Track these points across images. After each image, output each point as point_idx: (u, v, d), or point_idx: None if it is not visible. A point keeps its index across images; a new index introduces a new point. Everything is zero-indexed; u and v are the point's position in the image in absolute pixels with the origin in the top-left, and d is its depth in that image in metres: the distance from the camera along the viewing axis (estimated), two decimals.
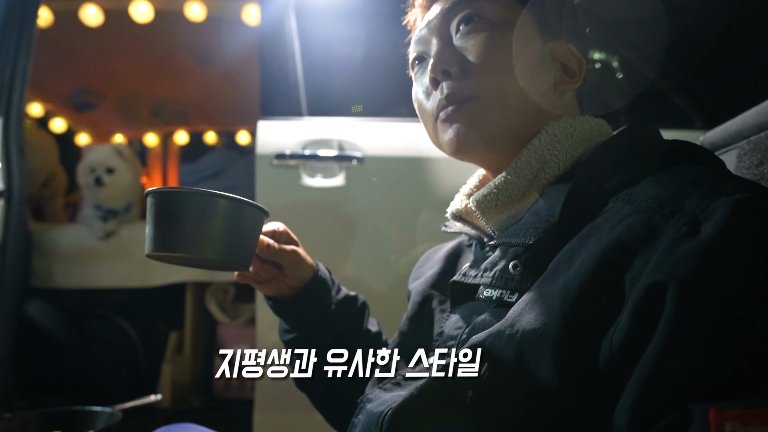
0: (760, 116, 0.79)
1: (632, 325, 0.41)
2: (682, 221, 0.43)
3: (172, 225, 0.61)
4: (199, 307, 2.27)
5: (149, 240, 0.62)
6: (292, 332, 0.80)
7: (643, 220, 0.45)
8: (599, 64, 1.83)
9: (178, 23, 2.34)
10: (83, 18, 2.30)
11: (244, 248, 0.65)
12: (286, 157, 1.59)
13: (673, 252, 0.41)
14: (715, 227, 0.41)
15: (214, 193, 0.61)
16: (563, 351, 0.45)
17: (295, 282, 0.78)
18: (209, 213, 0.61)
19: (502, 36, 0.62)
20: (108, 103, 3.16)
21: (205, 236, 0.60)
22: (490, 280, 0.57)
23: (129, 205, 2.24)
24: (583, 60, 0.66)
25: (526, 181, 0.60)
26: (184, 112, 3.43)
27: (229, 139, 3.76)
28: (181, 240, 0.60)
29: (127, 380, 2.16)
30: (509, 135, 0.62)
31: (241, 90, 2.64)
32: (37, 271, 2.04)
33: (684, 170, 0.50)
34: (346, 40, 1.88)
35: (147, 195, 0.63)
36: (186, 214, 0.61)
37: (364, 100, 1.73)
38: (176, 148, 3.76)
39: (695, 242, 0.41)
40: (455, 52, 0.64)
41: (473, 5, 0.64)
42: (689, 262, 0.40)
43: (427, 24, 0.67)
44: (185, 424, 0.80)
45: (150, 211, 0.62)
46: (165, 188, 0.62)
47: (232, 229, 0.62)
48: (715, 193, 0.43)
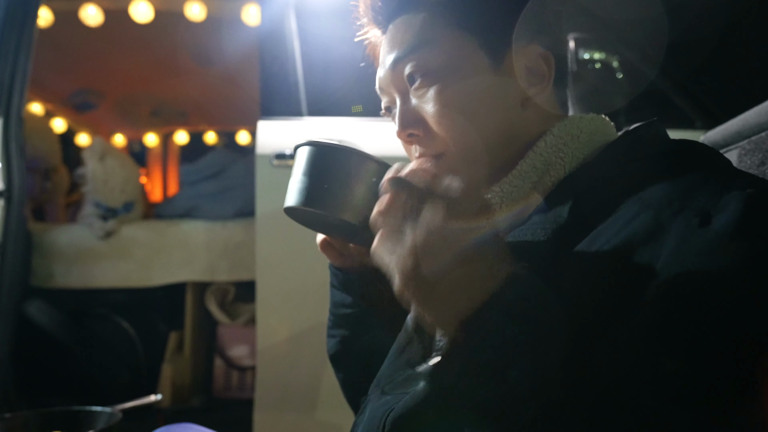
0: (760, 116, 0.79)
1: (653, 318, 0.41)
2: (692, 214, 0.43)
3: (328, 182, 0.57)
4: (199, 307, 2.27)
5: (300, 193, 0.58)
6: (353, 308, 0.78)
7: (653, 216, 0.45)
8: (599, 64, 1.83)
9: (178, 23, 2.34)
10: (83, 18, 2.31)
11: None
12: (286, 157, 1.59)
13: (690, 243, 0.42)
14: (729, 218, 0.41)
15: (377, 159, 0.57)
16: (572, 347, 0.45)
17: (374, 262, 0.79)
18: (368, 178, 0.57)
19: (453, 83, 0.60)
20: (108, 103, 3.16)
21: (358, 201, 0.57)
22: None
23: (129, 204, 2.24)
24: (549, 54, 0.62)
25: (531, 184, 0.59)
26: (184, 112, 3.43)
27: (229, 139, 3.76)
28: (334, 200, 0.57)
29: (127, 380, 2.16)
30: (495, 164, 0.61)
31: (241, 90, 2.64)
32: (37, 271, 2.04)
33: (691, 169, 0.50)
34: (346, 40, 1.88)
35: (303, 146, 0.60)
36: (346, 174, 0.57)
37: (364, 100, 1.73)
38: (176, 148, 3.76)
39: (712, 233, 0.41)
40: (414, 111, 0.62)
41: (414, 57, 0.61)
42: (709, 252, 0.40)
43: (383, 72, 0.65)
44: (185, 424, 0.80)
45: (306, 163, 0.59)
46: (329, 142, 0.58)
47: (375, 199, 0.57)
48: (724, 188, 0.44)
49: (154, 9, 2.28)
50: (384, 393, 0.62)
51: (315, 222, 0.65)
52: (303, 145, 0.61)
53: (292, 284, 1.59)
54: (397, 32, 0.64)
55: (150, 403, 1.34)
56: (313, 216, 0.61)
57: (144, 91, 3.10)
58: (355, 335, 0.79)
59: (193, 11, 2.26)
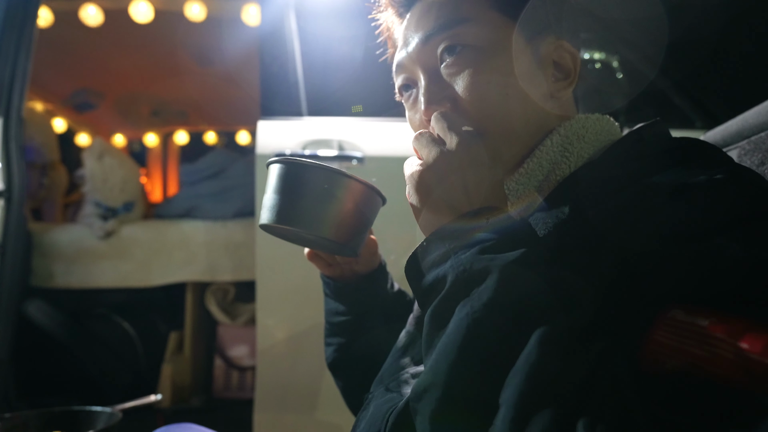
0: (760, 116, 0.79)
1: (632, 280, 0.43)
2: (682, 197, 0.45)
3: (299, 199, 0.57)
4: (199, 307, 2.27)
5: (272, 211, 0.58)
6: (347, 315, 0.80)
7: (649, 204, 0.47)
8: (599, 64, 1.83)
9: (178, 23, 2.34)
10: (83, 18, 2.31)
11: (362, 234, 0.62)
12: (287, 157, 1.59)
13: (656, 212, 0.45)
14: (706, 185, 0.44)
15: (347, 174, 0.58)
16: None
17: (364, 269, 0.79)
18: (339, 193, 0.57)
19: (489, 62, 0.59)
20: (108, 103, 3.16)
21: (331, 216, 0.57)
22: None
23: (129, 204, 2.24)
24: (576, 53, 0.63)
25: (537, 182, 0.59)
26: (184, 112, 3.43)
27: (229, 139, 3.76)
28: (305, 216, 0.57)
29: (127, 380, 2.16)
30: (513, 154, 0.61)
31: (241, 90, 2.65)
32: (37, 271, 2.04)
33: (691, 164, 0.51)
34: (346, 40, 1.88)
35: (274, 162, 0.60)
36: (316, 190, 0.57)
37: (364, 100, 1.73)
38: (176, 148, 3.77)
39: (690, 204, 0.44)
40: (444, 86, 0.60)
41: (453, 32, 0.60)
42: (651, 212, 0.44)
43: (406, 49, 0.64)
44: (185, 424, 0.80)
45: (277, 180, 0.59)
46: (299, 159, 0.58)
47: (356, 213, 0.59)
48: (704, 174, 0.46)
49: (154, 9, 2.28)
50: (388, 390, 0.62)
51: (290, 236, 0.66)
52: (273, 162, 0.61)
53: (292, 284, 1.59)
54: (429, 8, 0.62)
55: (150, 403, 1.34)
56: (286, 231, 0.61)
57: (144, 91, 3.10)
58: (351, 342, 0.80)
59: (193, 11, 2.26)
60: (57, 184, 2.59)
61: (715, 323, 0.36)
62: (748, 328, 0.35)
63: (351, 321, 0.79)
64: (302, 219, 0.58)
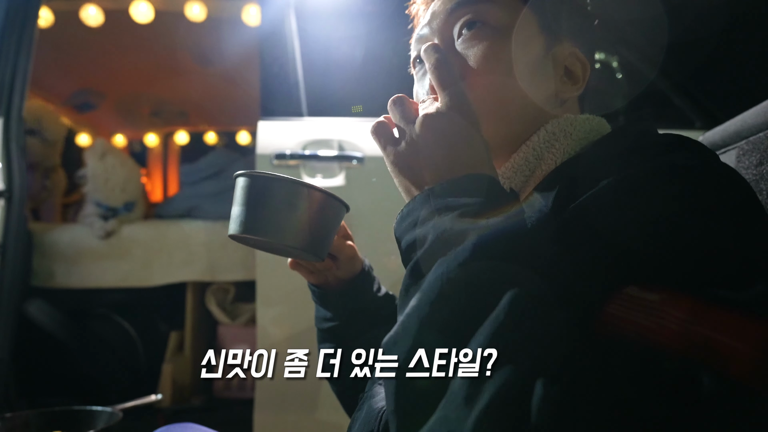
0: (759, 116, 0.79)
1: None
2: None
3: (263, 210, 0.61)
4: (199, 307, 2.27)
5: (238, 222, 0.62)
6: (334, 321, 0.81)
7: (622, 192, 0.48)
8: (599, 64, 1.83)
9: (178, 23, 2.34)
10: (83, 18, 2.31)
11: (324, 240, 0.66)
12: (287, 157, 1.59)
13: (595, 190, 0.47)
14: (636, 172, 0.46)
15: (305, 184, 0.62)
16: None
17: (345, 274, 0.80)
18: (299, 203, 0.62)
19: (504, 43, 0.61)
20: (108, 103, 3.17)
21: (292, 224, 0.61)
22: None
23: (130, 204, 2.24)
24: (587, 64, 0.65)
25: (524, 177, 0.61)
26: (184, 112, 3.43)
27: (229, 139, 3.76)
28: (270, 225, 0.61)
29: (127, 380, 2.16)
30: (507, 140, 0.62)
31: (241, 90, 2.65)
32: (38, 271, 2.04)
33: (670, 156, 0.51)
34: (346, 40, 1.89)
35: (239, 176, 0.63)
36: (277, 200, 0.61)
37: (364, 100, 1.73)
38: (176, 148, 3.77)
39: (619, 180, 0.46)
40: (457, 59, 0.63)
41: (476, 8, 0.63)
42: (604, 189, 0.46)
43: (429, 24, 0.67)
44: (185, 424, 0.80)
45: (241, 192, 0.63)
46: (261, 172, 0.62)
47: (317, 220, 0.63)
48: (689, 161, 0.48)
49: (155, 9, 2.28)
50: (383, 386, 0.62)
51: (258, 245, 0.69)
52: (238, 176, 0.64)
53: (292, 284, 1.59)
54: None
55: (150, 403, 1.34)
56: (251, 240, 0.65)
57: (144, 92, 3.11)
58: (341, 347, 0.80)
59: (193, 11, 2.26)
60: (57, 185, 2.59)
61: (665, 299, 0.39)
62: (696, 304, 0.38)
63: (338, 326, 0.81)
64: (264, 228, 0.61)
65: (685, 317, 0.38)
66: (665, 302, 0.39)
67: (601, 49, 1.77)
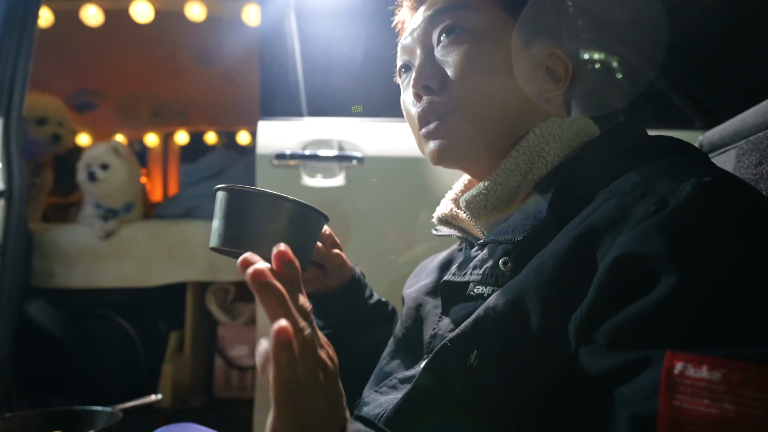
0: (759, 116, 0.79)
1: (598, 295, 0.43)
2: (652, 201, 0.44)
3: (241, 223, 0.63)
4: (199, 307, 2.28)
5: (217, 235, 0.64)
6: (327, 329, 0.82)
7: (616, 203, 0.47)
8: (599, 64, 1.83)
9: (178, 23, 2.34)
10: (83, 18, 2.31)
11: (304, 251, 0.67)
12: (287, 157, 1.59)
13: (639, 226, 0.43)
14: (678, 201, 0.42)
15: (282, 197, 0.63)
16: (539, 329, 0.46)
17: (335, 283, 0.80)
18: (276, 215, 0.63)
19: (483, 48, 0.62)
20: (108, 103, 3.16)
21: (269, 237, 0.62)
22: (480, 277, 0.59)
23: (129, 205, 2.24)
24: (569, 63, 0.66)
25: (515, 182, 0.61)
26: (184, 112, 3.43)
27: (229, 139, 3.76)
28: (248, 238, 0.62)
29: (127, 380, 2.16)
30: (490, 145, 0.63)
31: (241, 90, 2.65)
32: (38, 271, 2.04)
33: (663, 161, 0.51)
34: (346, 40, 1.88)
35: (219, 190, 0.65)
36: (254, 214, 0.62)
37: (364, 100, 1.73)
38: (176, 148, 3.77)
39: (660, 215, 0.42)
40: (436, 66, 0.64)
41: (454, 14, 0.64)
42: (653, 234, 0.42)
43: (411, 32, 0.68)
44: (185, 424, 0.80)
45: (220, 206, 0.64)
46: (239, 186, 0.64)
47: (296, 232, 0.64)
48: (687, 176, 0.45)
49: (155, 9, 2.28)
50: (379, 393, 0.63)
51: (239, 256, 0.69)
52: (218, 190, 0.65)
53: None
54: None
55: (150, 403, 1.34)
56: (233, 253, 0.66)
57: (144, 91, 3.10)
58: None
59: (193, 11, 2.26)
60: (46, 184, 2.56)
61: (726, 372, 0.34)
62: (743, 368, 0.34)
63: (331, 334, 0.81)
64: (241, 241, 0.63)
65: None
66: (731, 375, 0.34)
67: (588, 49, 1.77)
